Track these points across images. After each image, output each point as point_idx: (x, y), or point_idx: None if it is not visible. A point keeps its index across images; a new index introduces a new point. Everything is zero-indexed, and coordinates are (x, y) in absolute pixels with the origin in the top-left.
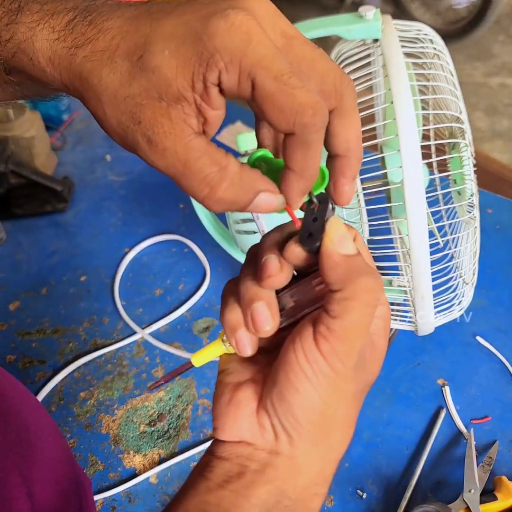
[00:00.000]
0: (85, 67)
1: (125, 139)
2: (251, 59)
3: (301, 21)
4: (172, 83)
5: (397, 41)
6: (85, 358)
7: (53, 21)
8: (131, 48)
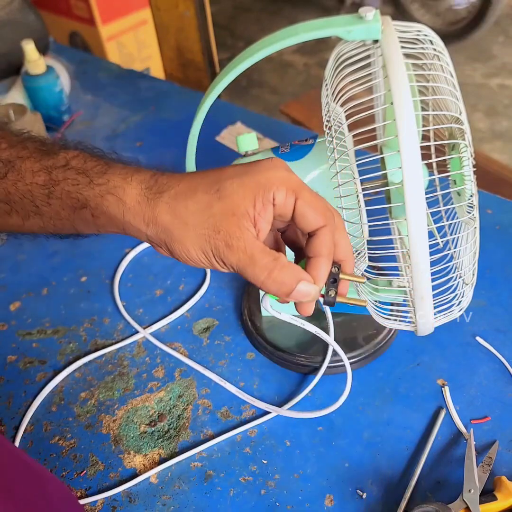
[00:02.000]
0: (171, 203)
1: (205, 247)
2: (293, 183)
3: (301, 22)
4: (240, 204)
5: (397, 42)
6: (85, 359)
7: (139, 176)
8: (208, 186)
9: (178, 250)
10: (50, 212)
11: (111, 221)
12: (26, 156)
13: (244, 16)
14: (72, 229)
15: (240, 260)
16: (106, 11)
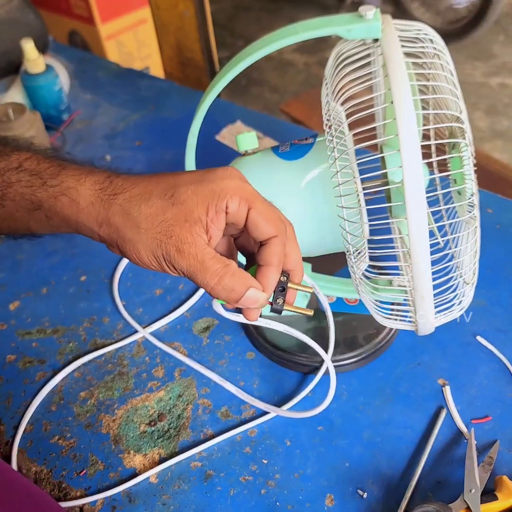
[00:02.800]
0: (125, 205)
1: (156, 251)
2: (247, 193)
3: (301, 21)
4: (194, 211)
5: (397, 41)
6: (85, 358)
7: (93, 177)
8: (163, 191)
9: (130, 251)
10: (4, 213)
11: (64, 221)
12: None
13: (244, 15)
14: (26, 229)
15: (191, 265)
16: (106, 10)
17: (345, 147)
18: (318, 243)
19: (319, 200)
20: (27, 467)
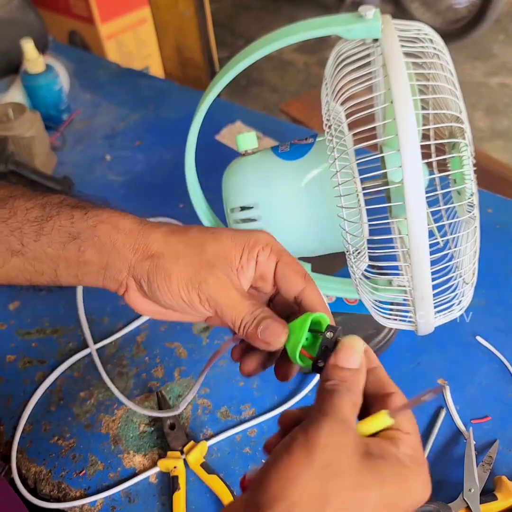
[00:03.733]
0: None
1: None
2: (276, 247)
3: (301, 21)
4: (232, 250)
5: (397, 41)
6: (84, 358)
7: (129, 216)
8: (203, 229)
9: (160, 278)
10: (34, 250)
11: (97, 252)
12: (19, 195)
13: (244, 15)
14: (51, 273)
15: (225, 298)
16: (106, 10)
17: (344, 147)
18: (317, 243)
19: (318, 200)
20: (27, 467)
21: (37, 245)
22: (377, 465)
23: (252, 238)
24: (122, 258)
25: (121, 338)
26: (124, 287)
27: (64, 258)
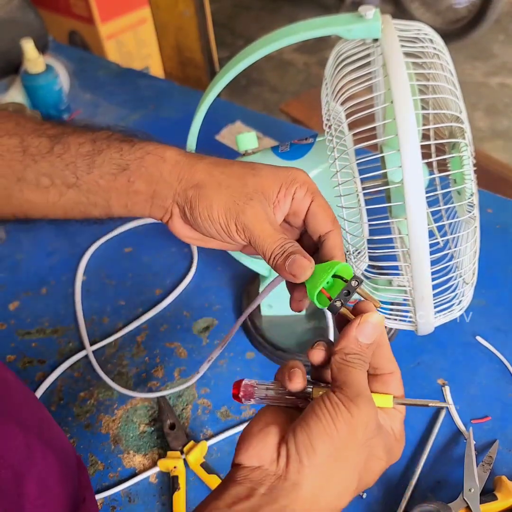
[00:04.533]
0: (210, 166)
1: (230, 209)
2: (313, 187)
3: (301, 21)
4: (271, 186)
5: (397, 41)
6: (84, 358)
7: (174, 148)
8: (244, 164)
9: (202, 206)
10: (88, 182)
11: (145, 181)
12: (71, 132)
13: (243, 15)
14: (104, 204)
15: (259, 229)
16: (106, 10)
17: (345, 147)
18: None
19: None
20: None
21: (90, 177)
22: (383, 436)
23: (290, 175)
24: (168, 187)
25: (121, 338)
26: (169, 214)
27: (115, 189)
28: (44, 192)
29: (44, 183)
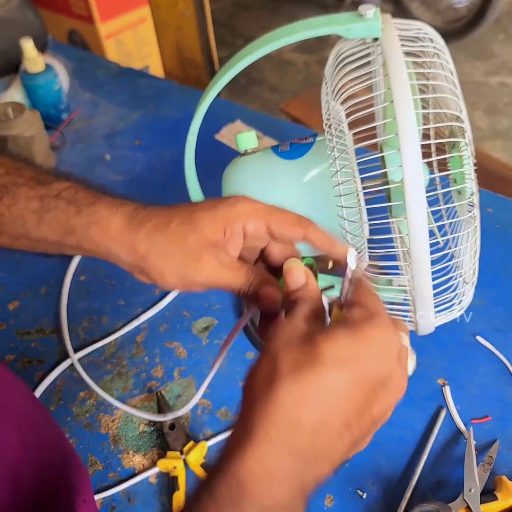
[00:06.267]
0: (150, 234)
1: (182, 274)
2: (260, 211)
3: (301, 20)
4: (213, 235)
5: (397, 40)
6: (84, 358)
7: (123, 208)
8: (182, 218)
9: (155, 275)
10: (38, 236)
11: (95, 248)
12: (22, 183)
13: (243, 14)
14: (59, 252)
15: (224, 278)
16: (105, 9)
17: (345, 146)
18: None
19: (318, 200)
20: None
21: (39, 232)
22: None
23: (231, 214)
24: (119, 258)
25: (120, 338)
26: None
27: (67, 245)
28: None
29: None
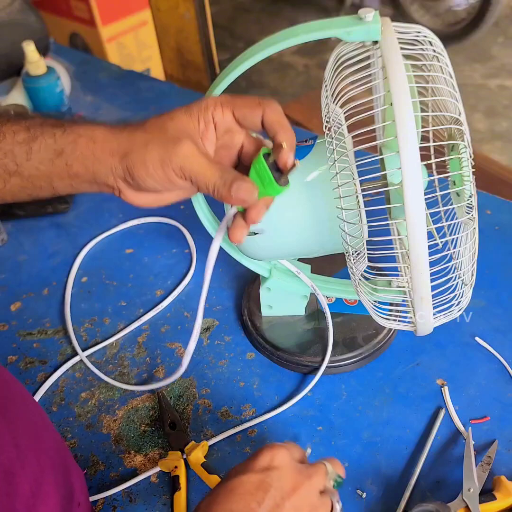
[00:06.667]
0: (131, 133)
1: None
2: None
3: (301, 23)
4: (190, 123)
5: (396, 43)
6: (86, 358)
7: (104, 124)
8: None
9: (137, 169)
10: (29, 169)
11: (82, 165)
12: (4, 121)
13: (244, 17)
14: (48, 186)
15: (197, 166)
16: (106, 12)
17: (344, 148)
18: (317, 244)
19: (318, 202)
20: None
21: (29, 164)
22: None
23: (202, 104)
24: (104, 165)
25: (122, 339)
26: (117, 189)
27: (56, 173)
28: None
29: None
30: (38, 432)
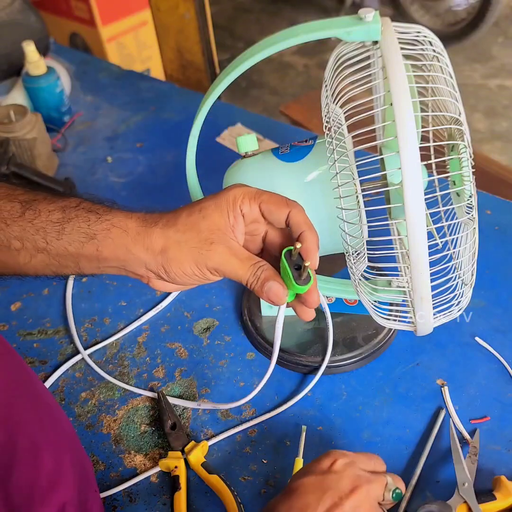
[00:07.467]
0: (164, 229)
1: (198, 260)
2: (252, 193)
3: (301, 23)
4: (221, 220)
5: (396, 43)
6: (87, 357)
7: (137, 213)
8: (191, 210)
9: (174, 267)
10: (58, 248)
11: (113, 253)
12: (41, 198)
13: (244, 17)
14: (75, 266)
15: (230, 265)
16: (106, 12)
17: (344, 148)
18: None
19: (318, 202)
20: None
21: (59, 243)
22: None
23: (230, 198)
24: (137, 258)
25: (122, 339)
26: (146, 278)
27: (84, 256)
28: (15, 254)
29: (15, 246)
30: (55, 414)
